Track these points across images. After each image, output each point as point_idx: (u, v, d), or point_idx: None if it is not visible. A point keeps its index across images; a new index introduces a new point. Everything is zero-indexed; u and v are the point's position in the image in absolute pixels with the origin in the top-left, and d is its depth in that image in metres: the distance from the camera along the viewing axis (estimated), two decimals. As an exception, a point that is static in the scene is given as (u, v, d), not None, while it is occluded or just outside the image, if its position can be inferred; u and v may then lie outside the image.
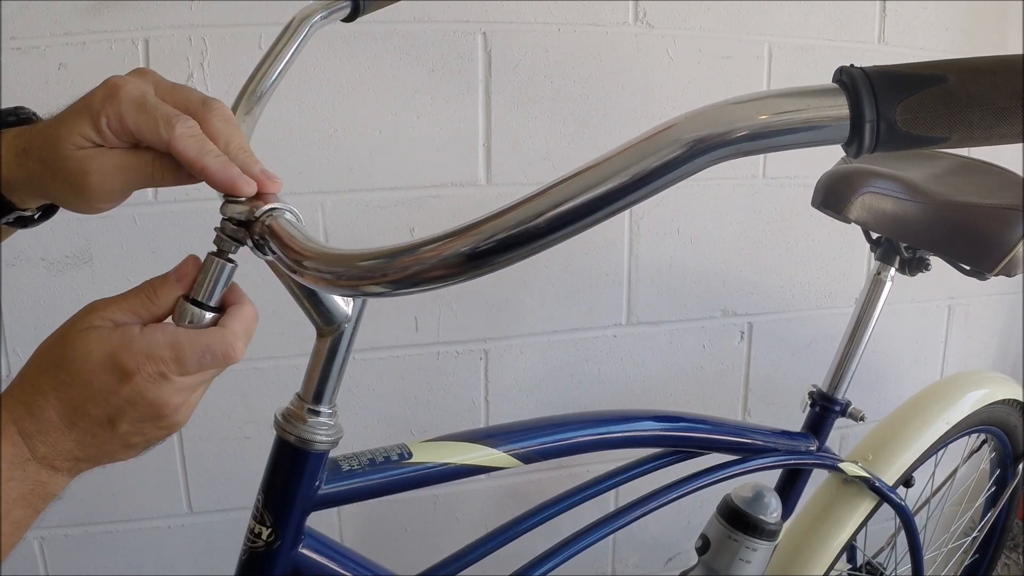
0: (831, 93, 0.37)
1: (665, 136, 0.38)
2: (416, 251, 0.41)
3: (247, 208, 0.49)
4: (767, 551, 0.92)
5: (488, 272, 0.40)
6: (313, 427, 0.59)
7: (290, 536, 0.60)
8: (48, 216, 0.56)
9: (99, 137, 0.48)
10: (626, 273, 1.32)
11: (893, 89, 0.37)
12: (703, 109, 0.38)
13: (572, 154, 1.24)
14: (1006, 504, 1.33)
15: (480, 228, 0.39)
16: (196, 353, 0.46)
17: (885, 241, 1.03)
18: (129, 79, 0.49)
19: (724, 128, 0.37)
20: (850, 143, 0.38)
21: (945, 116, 0.37)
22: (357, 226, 1.18)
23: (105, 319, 0.46)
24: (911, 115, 0.37)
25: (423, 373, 1.27)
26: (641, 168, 0.38)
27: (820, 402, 1.02)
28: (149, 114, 0.47)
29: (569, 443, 0.76)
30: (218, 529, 1.23)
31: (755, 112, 0.37)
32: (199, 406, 0.50)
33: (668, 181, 0.38)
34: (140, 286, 0.48)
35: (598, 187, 0.38)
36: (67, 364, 0.45)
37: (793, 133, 0.37)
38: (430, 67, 1.16)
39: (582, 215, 0.38)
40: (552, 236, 0.39)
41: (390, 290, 0.42)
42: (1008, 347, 1.64)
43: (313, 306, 0.56)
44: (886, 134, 0.37)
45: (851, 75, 0.37)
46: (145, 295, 0.47)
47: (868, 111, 0.36)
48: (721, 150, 0.37)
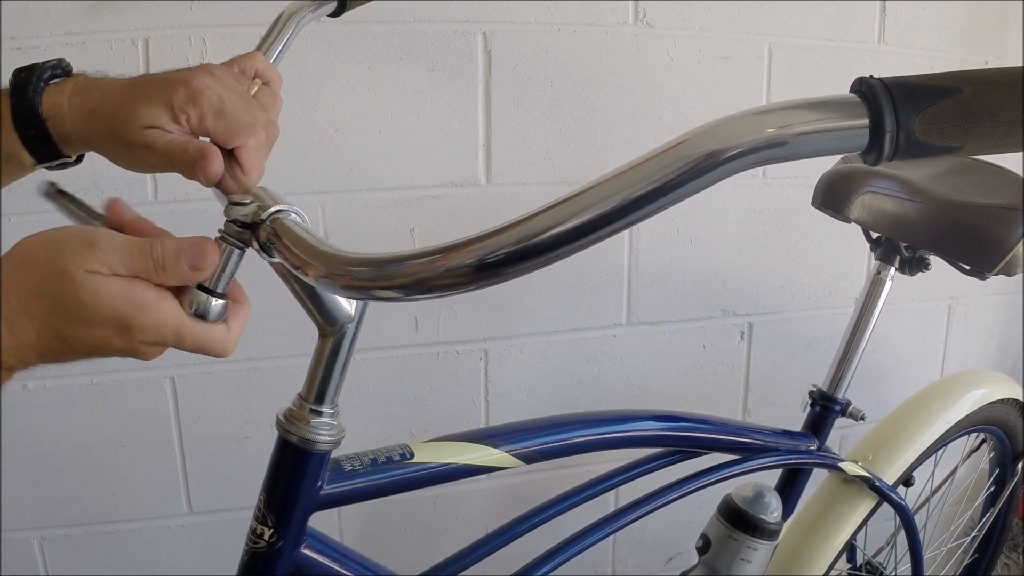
0: (851, 104, 0.38)
1: (688, 146, 0.38)
2: (430, 257, 0.40)
3: (252, 210, 0.49)
4: (768, 551, 0.92)
5: (500, 282, 0.40)
6: (315, 427, 0.59)
7: (292, 536, 0.61)
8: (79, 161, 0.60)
9: (173, 127, 0.52)
10: (626, 273, 1.32)
11: (912, 100, 0.38)
12: (725, 119, 0.39)
13: (572, 154, 1.24)
14: (1005, 503, 1.33)
15: (494, 238, 0.39)
16: (195, 344, 0.48)
17: (885, 241, 1.03)
18: (207, 83, 0.54)
19: (747, 138, 0.38)
20: (869, 152, 0.39)
21: (960, 126, 0.38)
22: (357, 226, 1.18)
23: (105, 265, 0.46)
24: (928, 126, 0.38)
25: (423, 373, 1.27)
26: (665, 178, 0.38)
27: (820, 402, 1.03)
28: (227, 121, 0.53)
29: (570, 443, 0.76)
30: (218, 529, 1.23)
31: (777, 122, 0.38)
32: (199, 406, 0.51)
33: (691, 190, 0.39)
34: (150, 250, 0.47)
35: (620, 196, 0.38)
36: (68, 303, 0.45)
37: (814, 143, 0.38)
38: (430, 67, 1.16)
39: (606, 224, 0.39)
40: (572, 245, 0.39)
41: (401, 295, 0.42)
42: (1008, 347, 1.64)
43: (316, 307, 0.57)
44: (904, 144, 0.38)
45: (871, 86, 0.38)
46: (154, 263, 0.47)
47: (888, 122, 0.37)
48: (743, 159, 0.38)
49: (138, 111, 0.52)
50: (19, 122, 0.54)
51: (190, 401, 1.17)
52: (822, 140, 0.38)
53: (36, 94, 0.54)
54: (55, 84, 0.55)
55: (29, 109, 0.54)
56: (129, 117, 0.52)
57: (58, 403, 1.12)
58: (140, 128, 0.52)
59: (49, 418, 1.13)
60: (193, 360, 1.15)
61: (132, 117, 0.52)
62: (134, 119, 0.52)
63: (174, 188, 1.09)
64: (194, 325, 0.48)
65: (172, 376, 1.15)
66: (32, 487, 1.15)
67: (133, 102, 0.53)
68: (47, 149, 0.55)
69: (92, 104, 0.54)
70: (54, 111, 0.54)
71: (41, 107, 0.54)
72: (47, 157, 0.56)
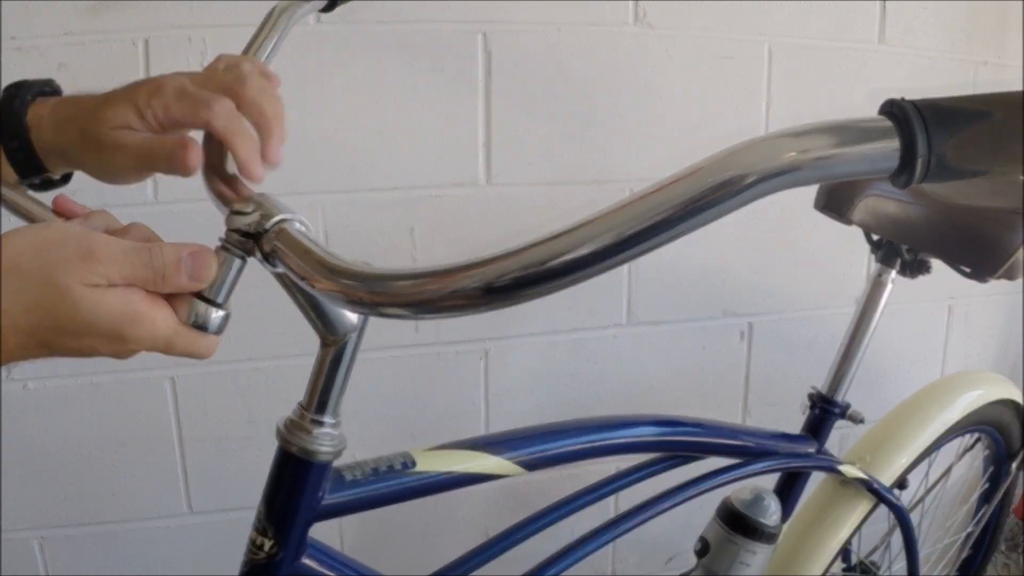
0: (882, 127, 0.37)
1: (710, 171, 0.37)
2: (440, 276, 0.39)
3: (255, 220, 0.48)
4: (766, 554, 0.92)
5: (510, 305, 0.39)
6: (317, 438, 0.59)
7: (292, 547, 0.60)
8: (66, 182, 0.60)
9: (140, 124, 0.53)
10: (626, 273, 1.31)
11: (944, 124, 0.37)
12: (751, 142, 0.38)
13: (572, 154, 1.24)
14: (999, 502, 1.33)
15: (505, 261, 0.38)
16: (183, 351, 0.49)
17: (886, 243, 1.03)
18: (171, 76, 0.54)
19: (775, 163, 0.37)
20: (899, 175, 0.38)
21: (990, 150, 0.37)
22: (357, 226, 1.18)
23: (104, 276, 0.45)
24: (959, 150, 0.37)
25: (423, 373, 1.26)
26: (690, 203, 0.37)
27: (820, 404, 1.02)
28: (189, 100, 0.52)
29: (572, 450, 0.76)
30: (218, 529, 1.23)
31: (806, 145, 0.37)
32: (199, 406, 0.51)
33: (714, 215, 0.38)
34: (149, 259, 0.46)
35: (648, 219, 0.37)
36: (64, 318, 0.44)
37: (844, 166, 0.38)
38: (430, 67, 1.15)
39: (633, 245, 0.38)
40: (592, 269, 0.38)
41: (409, 314, 0.41)
42: (1008, 347, 1.64)
43: (319, 316, 0.56)
44: (936, 167, 0.37)
45: (903, 108, 0.37)
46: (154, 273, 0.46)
47: (921, 146, 0.37)
48: (771, 182, 0.37)
49: (106, 114, 0.53)
50: (5, 134, 0.55)
51: (190, 401, 1.17)
52: (853, 164, 0.38)
53: (23, 106, 0.55)
54: (41, 100, 0.56)
55: (15, 121, 0.54)
56: (98, 121, 0.53)
57: (58, 403, 1.12)
58: (109, 130, 0.53)
59: (49, 418, 1.13)
60: (193, 360, 1.14)
61: (101, 121, 0.53)
62: (103, 122, 0.53)
63: (175, 188, 1.08)
64: (187, 333, 0.48)
65: (172, 376, 1.15)
66: (32, 487, 1.15)
67: (101, 107, 0.54)
68: (30, 162, 0.56)
69: (67, 113, 0.55)
70: (36, 122, 0.55)
71: (26, 118, 0.55)
72: (30, 171, 0.56)
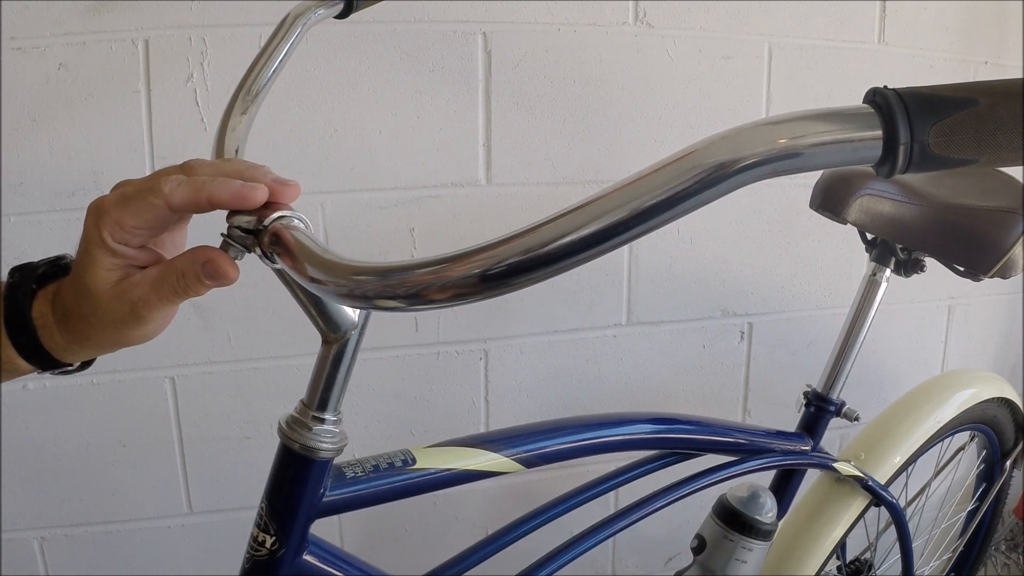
0: (865, 115, 0.37)
1: (698, 157, 0.37)
2: (434, 267, 0.40)
3: (254, 217, 0.48)
4: (763, 551, 0.93)
5: (506, 293, 0.39)
6: (318, 435, 0.59)
7: (294, 544, 0.61)
8: (86, 367, 0.55)
9: (118, 258, 0.48)
10: (626, 273, 1.32)
11: (927, 112, 0.36)
12: (736, 130, 0.38)
13: (572, 154, 1.24)
14: (993, 500, 1.34)
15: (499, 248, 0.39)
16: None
17: (881, 242, 1.04)
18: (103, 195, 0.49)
19: (758, 149, 0.37)
20: (882, 164, 0.38)
21: (975, 139, 0.37)
22: (357, 226, 1.18)
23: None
24: (944, 138, 0.37)
25: (423, 373, 1.27)
26: (675, 189, 0.37)
27: (815, 402, 1.03)
28: (135, 199, 0.47)
29: (570, 447, 0.76)
30: (218, 529, 1.23)
31: (789, 133, 0.37)
32: (199, 406, 0.51)
33: (700, 202, 0.38)
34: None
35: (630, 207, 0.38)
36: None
37: (826, 155, 0.38)
38: (430, 67, 1.16)
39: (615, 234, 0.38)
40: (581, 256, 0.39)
41: (405, 306, 0.41)
42: (1008, 347, 1.64)
43: (319, 314, 0.56)
44: (919, 156, 0.37)
45: (885, 96, 0.37)
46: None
47: (903, 134, 0.36)
48: (755, 170, 0.37)
49: (86, 281, 0.48)
50: (11, 329, 0.50)
51: (190, 401, 1.17)
52: (834, 152, 0.37)
53: (26, 297, 0.50)
54: (42, 294, 0.50)
55: (21, 317, 0.49)
56: (89, 293, 0.48)
57: (58, 403, 1.12)
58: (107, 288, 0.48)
59: (49, 418, 1.13)
60: (193, 360, 1.15)
61: (89, 290, 0.48)
62: (92, 290, 0.48)
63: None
64: None
65: (172, 376, 1.15)
66: (32, 487, 1.15)
67: (79, 276, 0.48)
68: (41, 357, 0.51)
69: (62, 308, 0.50)
70: (42, 321, 0.50)
71: (31, 313, 0.50)
72: (46, 365, 0.51)
